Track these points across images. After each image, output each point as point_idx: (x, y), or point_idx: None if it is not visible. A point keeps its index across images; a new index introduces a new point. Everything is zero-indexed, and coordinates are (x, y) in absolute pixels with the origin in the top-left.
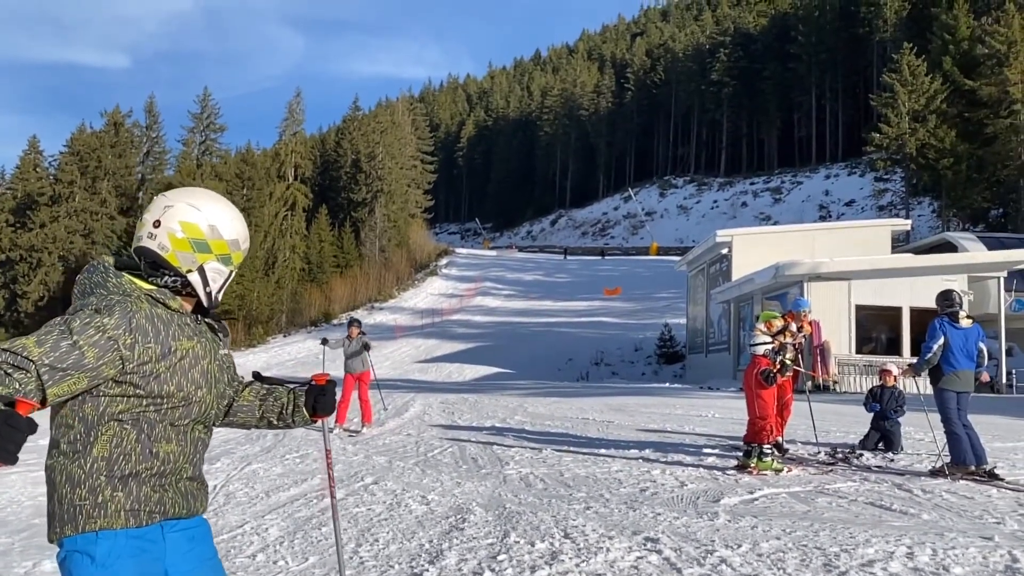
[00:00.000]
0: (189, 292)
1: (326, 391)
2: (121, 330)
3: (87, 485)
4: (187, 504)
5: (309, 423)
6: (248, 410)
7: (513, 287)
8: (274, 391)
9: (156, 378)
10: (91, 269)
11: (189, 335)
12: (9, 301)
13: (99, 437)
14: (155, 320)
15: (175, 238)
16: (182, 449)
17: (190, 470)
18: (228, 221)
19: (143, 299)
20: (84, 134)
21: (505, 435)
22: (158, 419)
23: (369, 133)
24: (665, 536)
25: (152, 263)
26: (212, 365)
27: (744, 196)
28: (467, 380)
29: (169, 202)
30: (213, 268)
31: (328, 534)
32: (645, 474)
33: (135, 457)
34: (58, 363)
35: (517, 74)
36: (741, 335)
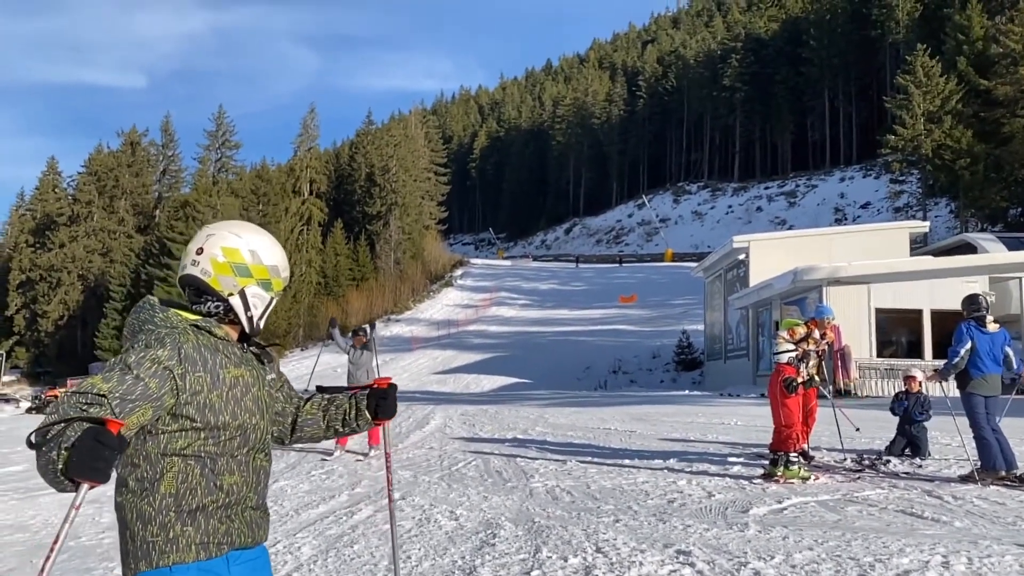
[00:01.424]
0: (232, 319)
1: (387, 394)
2: (174, 361)
3: (158, 521)
4: (252, 533)
5: (372, 426)
6: (313, 423)
7: (529, 296)
8: (335, 399)
9: (210, 409)
10: (139, 308)
11: (236, 363)
12: (30, 321)
13: (165, 474)
14: (202, 349)
15: (217, 262)
16: (245, 479)
17: (254, 499)
18: (268, 248)
19: (189, 330)
20: (102, 154)
21: (528, 447)
22: (219, 452)
23: (383, 147)
24: (697, 548)
25: (196, 290)
26: (262, 392)
27: (759, 200)
28: (485, 391)
29: (212, 231)
30: (254, 293)
31: (361, 551)
32: (671, 485)
33: (201, 491)
34: (127, 395)
35: (528, 84)
36: (760, 341)
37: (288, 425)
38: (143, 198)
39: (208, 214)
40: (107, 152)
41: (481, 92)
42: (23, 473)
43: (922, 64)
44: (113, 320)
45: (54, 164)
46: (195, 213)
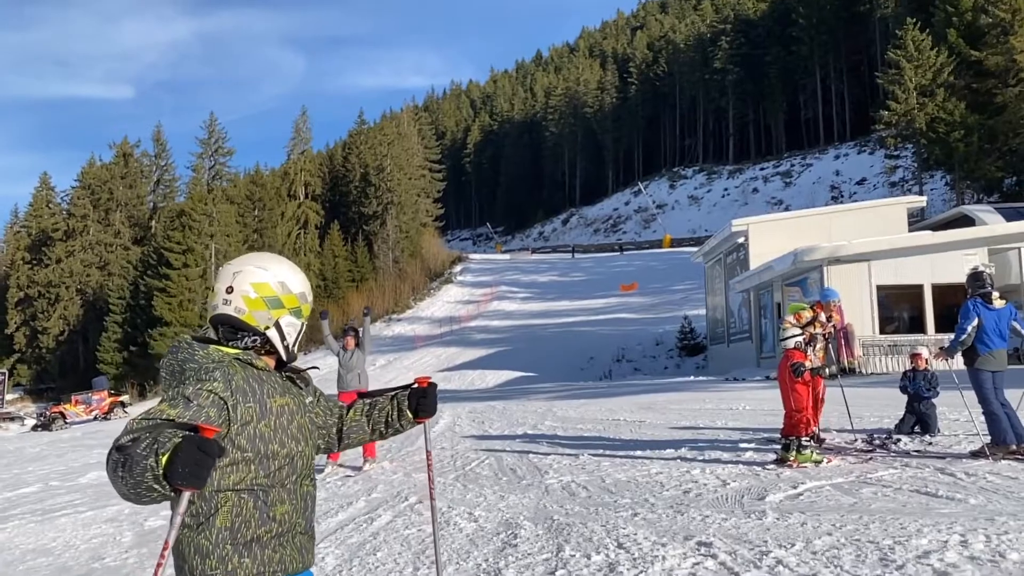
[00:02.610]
0: (268, 350)
1: (428, 393)
2: (227, 392)
3: (216, 555)
4: (302, 558)
5: (413, 425)
6: (358, 428)
7: (529, 289)
8: (377, 403)
9: (260, 438)
10: (175, 349)
11: (281, 392)
12: (30, 338)
13: (219, 508)
14: (250, 381)
15: (249, 299)
16: (295, 506)
17: (303, 524)
18: (294, 276)
19: (235, 363)
20: (94, 167)
21: (539, 442)
22: (270, 484)
23: (376, 146)
24: (717, 539)
25: (231, 327)
26: (304, 419)
27: (754, 182)
28: (491, 386)
29: (237, 268)
30: (288, 322)
31: (384, 559)
32: (685, 474)
33: (255, 523)
34: (193, 421)
35: (519, 76)
36: (763, 323)
37: (334, 435)
38: (138, 209)
39: (204, 222)
40: (100, 165)
41: (472, 86)
42: (37, 494)
43: (912, 38)
44: (114, 333)
45: (47, 179)
46: (191, 222)
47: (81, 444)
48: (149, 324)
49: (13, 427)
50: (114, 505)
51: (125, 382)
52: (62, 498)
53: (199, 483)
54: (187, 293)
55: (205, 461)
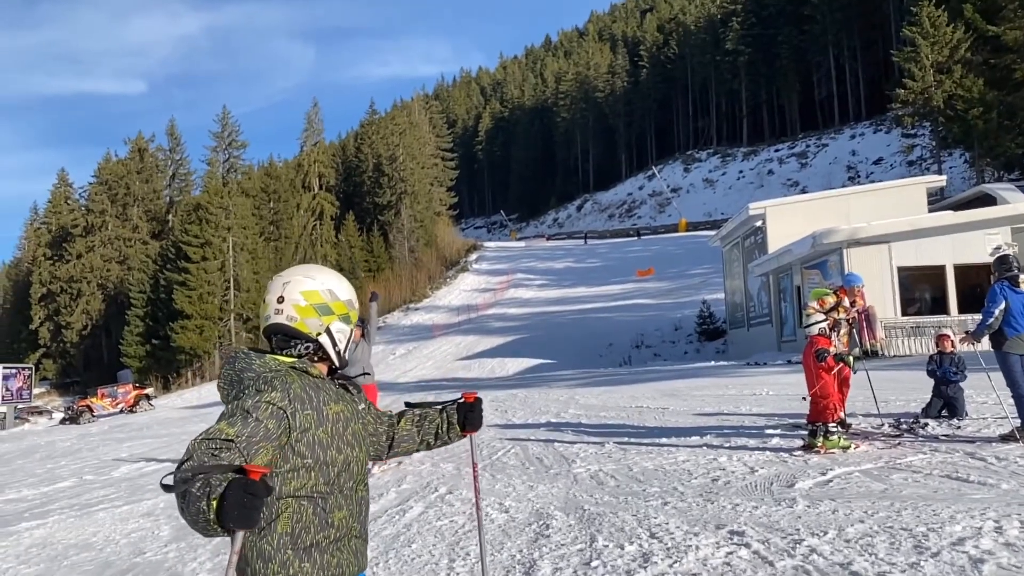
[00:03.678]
0: (320, 357)
1: (474, 408)
2: (285, 401)
3: (278, 559)
4: (357, 562)
5: (461, 438)
6: (408, 438)
7: (545, 276)
8: (427, 415)
9: (319, 445)
10: (233, 359)
11: (335, 399)
12: (54, 332)
13: (280, 515)
14: (308, 389)
15: (300, 307)
16: (351, 511)
17: (358, 529)
18: (340, 284)
19: (291, 372)
20: (111, 163)
21: (563, 430)
22: (328, 490)
23: (388, 135)
24: (749, 528)
25: (284, 336)
26: (358, 425)
27: (770, 164)
28: (511, 374)
29: (286, 279)
30: (338, 328)
31: (419, 551)
32: (712, 462)
33: (314, 529)
34: (252, 437)
35: (529, 62)
36: (783, 307)
37: (384, 444)
38: (155, 204)
39: (221, 215)
40: (116, 160)
41: (482, 73)
42: (73, 489)
43: (928, 14)
44: (136, 327)
45: (64, 176)
46: (208, 215)
47: (111, 438)
48: (170, 317)
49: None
50: (149, 499)
51: (149, 375)
52: (97, 492)
53: (250, 524)
54: (206, 286)
55: (253, 502)
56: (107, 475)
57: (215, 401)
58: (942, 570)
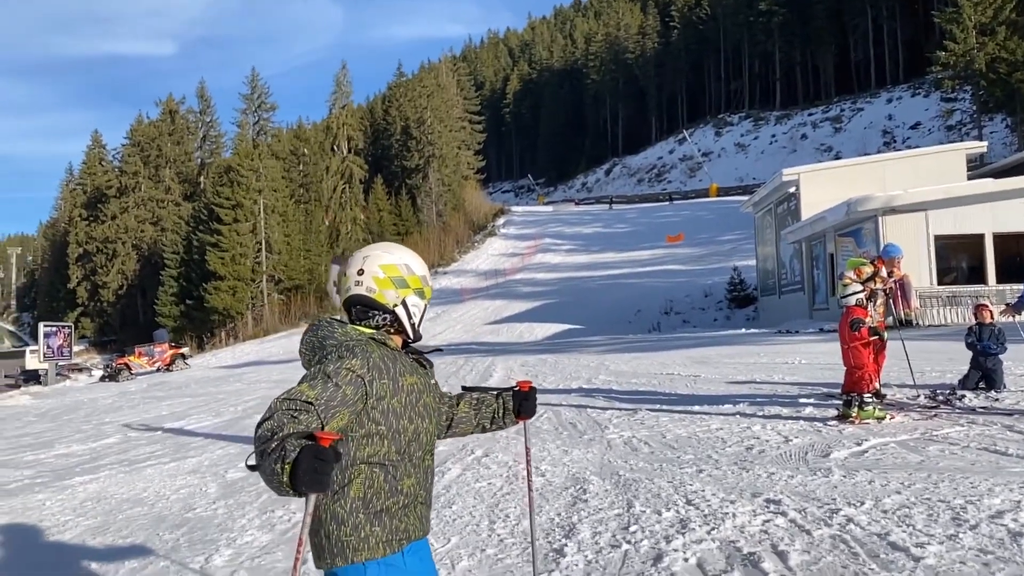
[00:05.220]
0: (396, 330)
1: (529, 396)
2: (364, 369)
3: (350, 523)
4: (422, 527)
5: (515, 424)
6: (466, 420)
7: (573, 241)
8: (484, 399)
9: (393, 413)
10: (316, 327)
11: (410, 371)
12: (91, 292)
13: (353, 480)
14: (385, 359)
15: (378, 279)
16: (418, 480)
17: (424, 496)
18: (416, 261)
19: (371, 342)
20: (143, 124)
21: (595, 396)
22: (399, 459)
23: (416, 98)
24: (786, 496)
25: (363, 307)
26: (430, 398)
27: (803, 128)
28: (539, 339)
29: (366, 253)
30: (413, 302)
31: (460, 512)
32: (746, 430)
33: (384, 495)
34: (331, 401)
35: (558, 22)
36: (815, 274)
37: (444, 424)
38: (186, 165)
39: (252, 177)
40: (148, 122)
41: (510, 34)
42: (120, 445)
43: None
44: (170, 287)
45: (98, 137)
46: (239, 177)
47: (150, 396)
48: (203, 278)
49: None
50: (193, 456)
51: (184, 334)
52: (143, 449)
53: (320, 488)
54: (238, 248)
55: (324, 467)
56: (151, 432)
57: (249, 361)
58: (981, 543)
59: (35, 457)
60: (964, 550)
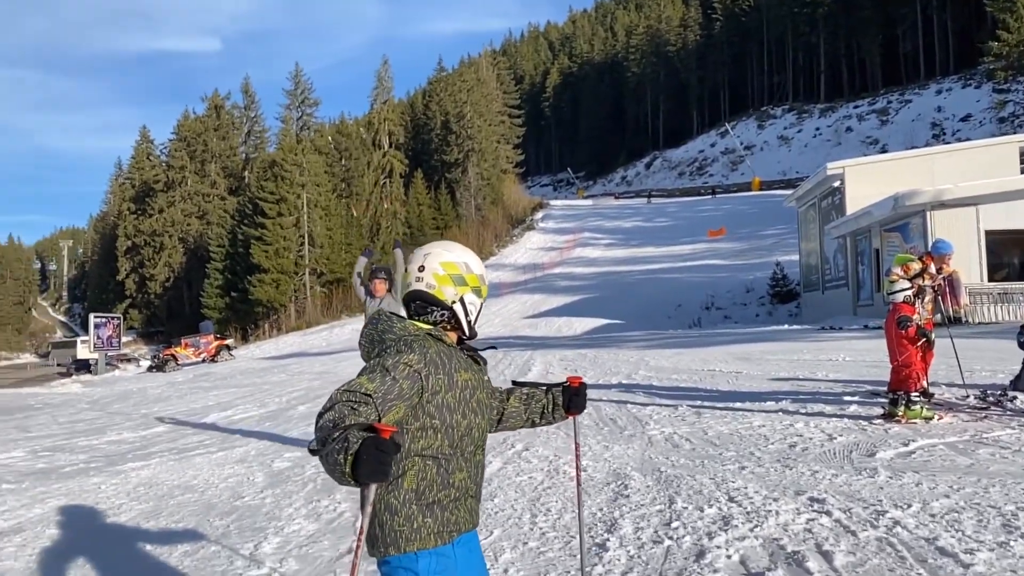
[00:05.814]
0: (453, 326)
1: (580, 391)
2: (421, 364)
3: (403, 513)
4: (471, 519)
5: (564, 419)
6: (516, 415)
7: (612, 236)
8: (534, 395)
9: (447, 408)
10: (376, 320)
11: (465, 367)
12: (139, 284)
13: (407, 472)
14: (441, 355)
15: (438, 275)
16: (469, 474)
17: (474, 489)
18: (474, 260)
19: (428, 338)
20: (189, 120)
21: (635, 392)
22: (451, 453)
23: (455, 93)
24: (830, 496)
25: (422, 302)
26: (483, 394)
27: (848, 121)
28: (578, 334)
29: (427, 251)
30: (470, 300)
31: (501, 505)
32: (789, 428)
33: (436, 487)
34: (388, 394)
35: (599, 15)
36: (860, 270)
37: (495, 418)
38: (231, 160)
39: (295, 172)
40: (194, 118)
41: (550, 28)
42: (169, 434)
43: None
44: (216, 280)
45: (146, 133)
46: (283, 172)
47: (197, 386)
48: (248, 271)
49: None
50: (240, 446)
51: (228, 326)
52: (192, 438)
53: (381, 478)
54: (282, 241)
55: (384, 458)
56: (198, 421)
57: (292, 352)
58: None
59: (88, 443)
60: (1015, 558)
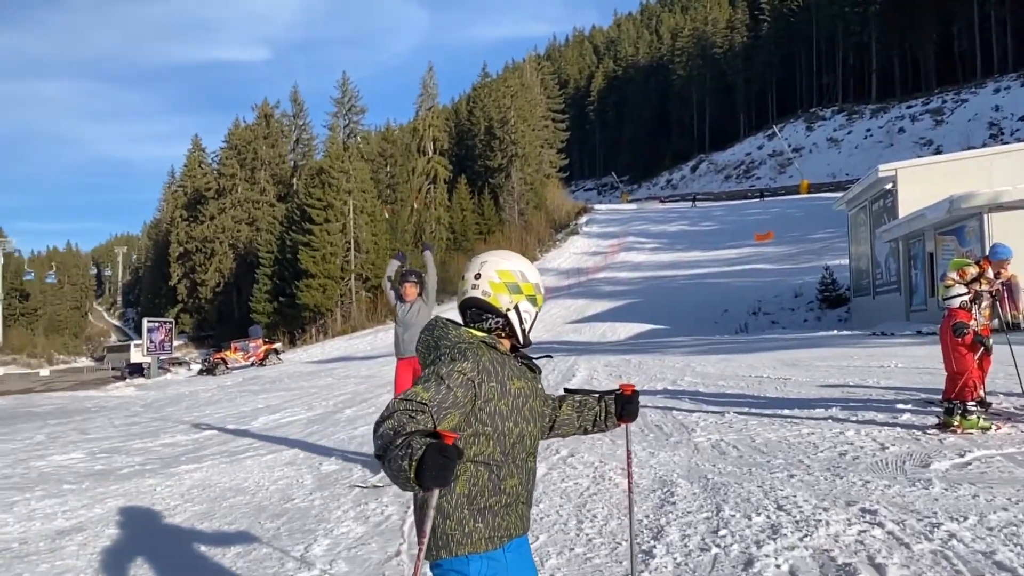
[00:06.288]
0: (507, 333)
1: (632, 399)
2: (475, 372)
3: (455, 517)
4: (522, 525)
5: (617, 427)
6: (568, 422)
7: (658, 240)
8: (586, 402)
9: (499, 415)
10: (432, 326)
11: (518, 375)
12: (191, 289)
13: (459, 477)
14: (494, 363)
15: (494, 283)
16: (521, 480)
17: (525, 496)
18: (530, 269)
19: (482, 346)
20: (239, 128)
21: (681, 398)
22: (503, 460)
23: (499, 98)
24: (882, 507)
25: (478, 309)
26: (536, 402)
27: (901, 121)
28: (622, 339)
29: (484, 259)
30: (524, 308)
31: (547, 510)
32: (839, 436)
33: (488, 493)
34: (443, 403)
35: (644, 18)
36: (913, 274)
37: (547, 425)
38: (280, 168)
39: (342, 179)
40: (244, 126)
41: (595, 32)
42: (220, 437)
43: None
44: (264, 285)
45: (198, 141)
46: (330, 179)
47: (246, 390)
48: (295, 276)
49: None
50: (289, 449)
51: (276, 330)
52: (242, 440)
53: (444, 483)
54: (329, 247)
55: (448, 464)
56: (248, 425)
57: (338, 356)
58: None
59: (143, 445)
60: None
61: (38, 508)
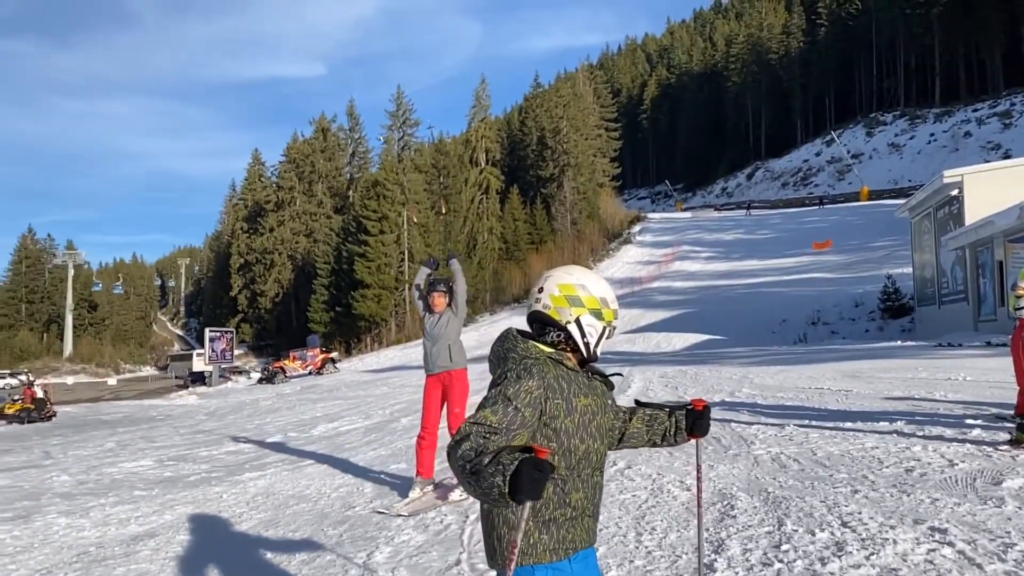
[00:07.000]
0: (573, 347)
1: (703, 415)
2: (541, 389)
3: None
4: (588, 538)
5: (686, 441)
6: (638, 435)
7: (713, 248)
8: (657, 416)
9: (565, 432)
10: (502, 339)
11: (585, 392)
12: (251, 299)
13: None
14: (560, 380)
15: (555, 296)
16: (586, 494)
17: (591, 509)
18: (595, 281)
19: (548, 361)
20: (297, 142)
21: (739, 410)
22: (567, 475)
23: (552, 108)
24: (952, 526)
25: (541, 323)
26: (604, 419)
27: (966, 125)
28: (678, 350)
29: (549, 274)
30: (588, 322)
31: (605, 522)
32: (905, 451)
33: (553, 505)
34: (511, 425)
35: (698, 26)
36: (981, 283)
37: (616, 437)
38: (337, 180)
39: (397, 191)
40: (302, 140)
41: (648, 40)
42: (283, 445)
43: None
44: (321, 295)
45: (258, 155)
46: (385, 191)
47: (305, 398)
48: (351, 287)
49: (242, 380)
50: (349, 457)
51: (333, 340)
52: (303, 449)
53: (537, 496)
54: (384, 258)
55: (542, 478)
56: (308, 433)
57: (393, 366)
58: None
59: (208, 453)
60: None
61: (112, 513)
